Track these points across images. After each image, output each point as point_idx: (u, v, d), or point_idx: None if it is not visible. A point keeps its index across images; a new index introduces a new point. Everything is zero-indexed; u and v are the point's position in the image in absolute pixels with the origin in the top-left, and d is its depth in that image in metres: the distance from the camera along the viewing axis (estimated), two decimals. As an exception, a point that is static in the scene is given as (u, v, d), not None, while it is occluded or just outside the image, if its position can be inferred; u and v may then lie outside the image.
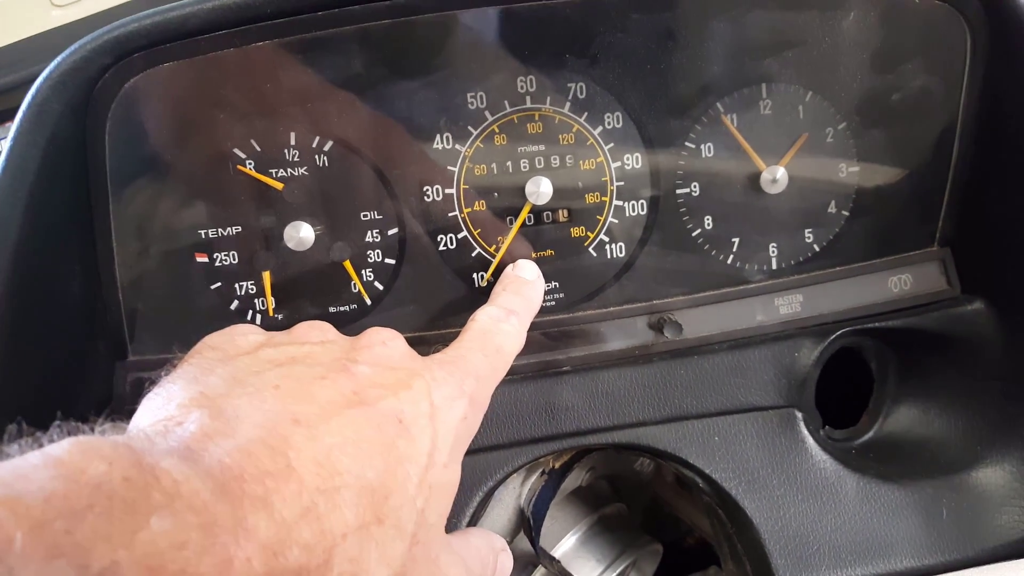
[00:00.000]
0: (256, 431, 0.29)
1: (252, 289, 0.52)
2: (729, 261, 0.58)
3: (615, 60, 0.53)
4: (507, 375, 0.55)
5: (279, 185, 0.51)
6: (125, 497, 0.23)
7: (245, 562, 0.25)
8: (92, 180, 0.47)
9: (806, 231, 0.58)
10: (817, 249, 0.59)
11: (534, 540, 0.59)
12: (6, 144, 0.42)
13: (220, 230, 0.51)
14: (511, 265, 0.53)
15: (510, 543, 0.64)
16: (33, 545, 0.21)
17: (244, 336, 0.37)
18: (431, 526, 0.34)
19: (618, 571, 0.63)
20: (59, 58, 0.43)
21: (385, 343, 0.38)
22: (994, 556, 0.55)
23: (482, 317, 0.45)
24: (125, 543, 0.22)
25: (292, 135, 0.51)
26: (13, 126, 0.42)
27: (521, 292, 0.50)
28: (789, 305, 0.59)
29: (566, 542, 0.64)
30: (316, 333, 0.39)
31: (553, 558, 0.61)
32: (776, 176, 0.56)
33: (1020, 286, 0.56)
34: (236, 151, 0.50)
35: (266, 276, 0.52)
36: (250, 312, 0.52)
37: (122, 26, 0.43)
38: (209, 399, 0.31)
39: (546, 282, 0.57)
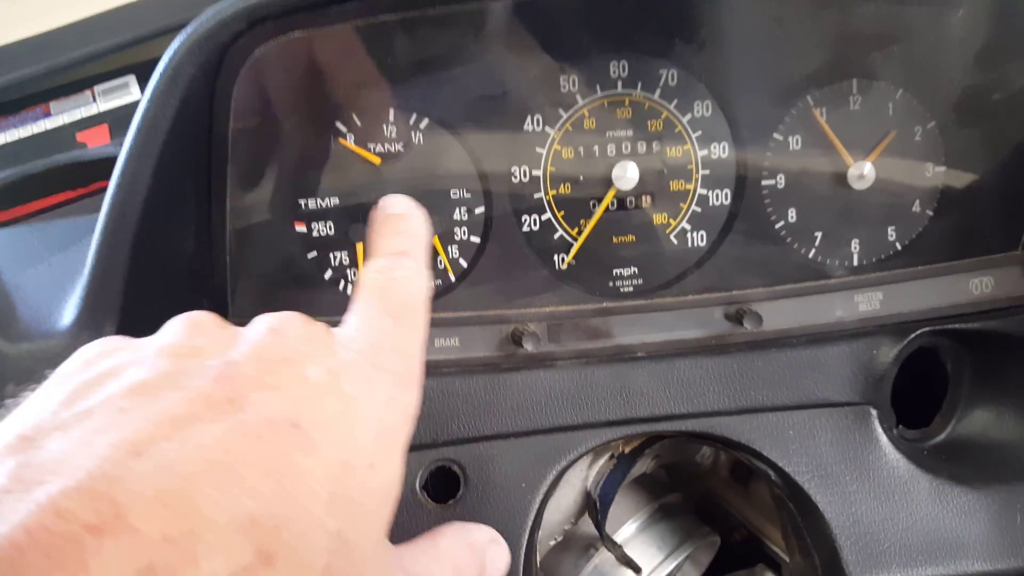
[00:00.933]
0: (78, 476, 0.22)
1: (346, 260, 0.53)
2: (811, 255, 0.58)
3: (710, 47, 0.53)
4: (584, 357, 0.56)
5: (376, 160, 0.52)
6: None
7: None
8: (214, 142, 0.49)
9: (889, 228, 0.58)
10: (899, 247, 0.58)
11: (600, 523, 0.60)
12: (141, 103, 0.43)
13: (320, 200, 0.52)
14: (375, 208, 0.42)
15: (573, 524, 0.65)
16: None
17: (107, 356, 0.29)
18: (359, 550, 0.27)
19: (678, 560, 0.64)
20: (194, 23, 0.44)
21: (276, 331, 0.31)
22: (1067, 563, 0.55)
23: (369, 273, 0.37)
24: None
25: (391, 111, 0.52)
26: (149, 87, 0.43)
27: (401, 230, 0.40)
28: (868, 302, 0.58)
29: (627, 528, 0.64)
30: (185, 335, 0.31)
31: (616, 543, 0.62)
32: (864, 172, 0.56)
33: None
34: (338, 124, 0.51)
35: (360, 248, 0.53)
36: (342, 282, 0.54)
37: None
38: (28, 440, 0.24)
39: (626, 267, 0.57)
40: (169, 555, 0.22)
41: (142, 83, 0.90)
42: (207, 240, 0.50)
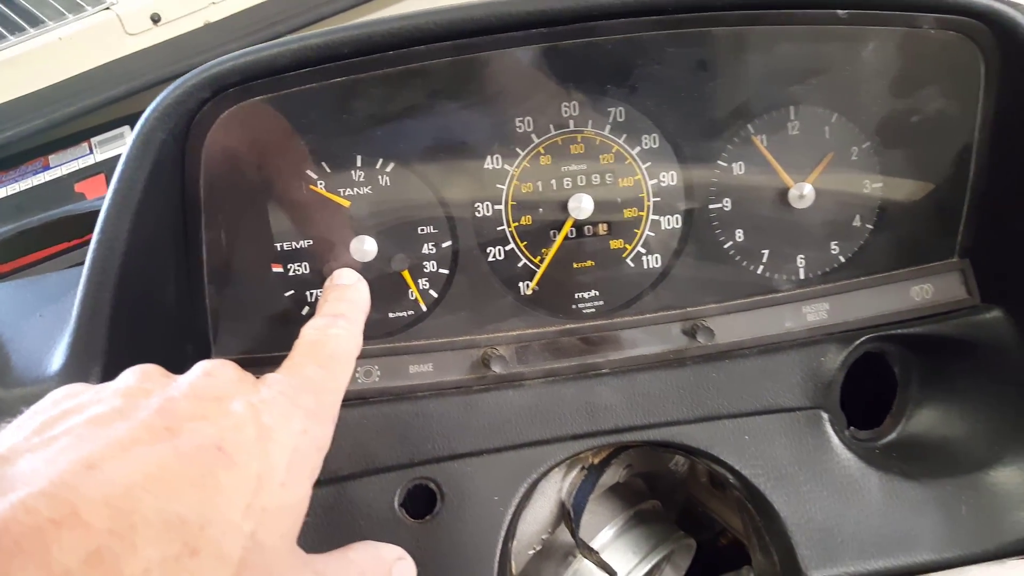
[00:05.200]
0: (40, 483, 0.28)
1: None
2: (759, 271, 0.62)
3: (652, 88, 0.58)
4: (550, 376, 0.60)
5: (346, 203, 0.56)
6: None
7: None
8: (187, 198, 0.53)
9: (832, 243, 0.62)
10: (843, 260, 0.62)
11: (574, 531, 0.64)
12: (118, 166, 0.48)
13: (294, 243, 0.56)
14: (329, 277, 0.54)
15: (550, 534, 0.68)
16: None
17: (72, 397, 0.36)
18: (270, 550, 0.33)
19: (653, 563, 0.67)
20: (164, 92, 0.49)
21: (209, 374, 0.37)
22: (1012, 551, 0.58)
23: (308, 330, 0.45)
24: None
25: (358, 158, 0.56)
26: (124, 150, 0.48)
27: (344, 297, 0.50)
28: (816, 313, 0.62)
29: (604, 535, 0.68)
30: (128, 376, 0.38)
31: (592, 549, 0.66)
32: (803, 192, 0.60)
33: (1036, 295, 0.59)
34: (309, 173, 0.56)
35: (334, 284, 0.57)
36: (320, 317, 0.58)
37: (219, 64, 0.49)
38: (4, 459, 0.30)
39: (587, 291, 0.61)
40: (114, 543, 0.28)
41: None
42: (187, 288, 0.55)
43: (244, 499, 0.33)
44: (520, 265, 0.60)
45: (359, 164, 0.56)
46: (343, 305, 0.49)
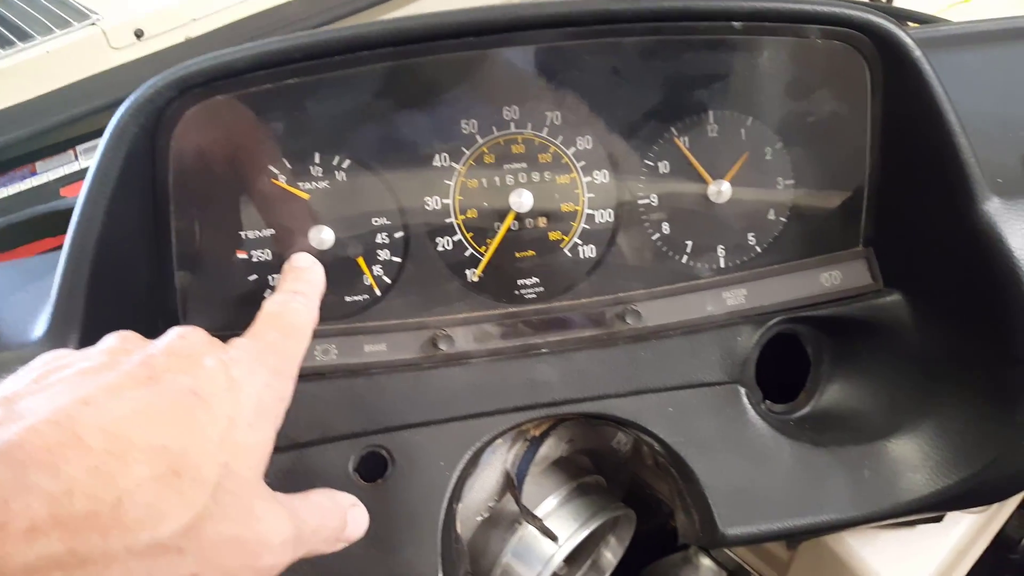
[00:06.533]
0: (45, 414, 0.33)
1: (283, 280, 0.64)
2: (684, 261, 0.69)
3: (581, 94, 0.64)
4: (494, 355, 0.66)
5: (305, 196, 0.63)
6: None
7: (22, 509, 0.30)
8: (158, 187, 0.59)
9: (749, 235, 0.69)
10: (759, 250, 0.69)
11: (518, 497, 0.70)
12: (95, 157, 0.54)
13: (257, 232, 0.62)
14: (287, 260, 0.59)
15: (497, 503, 0.74)
16: None
17: (60, 359, 0.41)
18: (241, 478, 0.38)
19: (592, 528, 0.73)
20: (137, 91, 0.55)
21: (183, 336, 0.42)
22: (908, 510, 0.64)
23: (269, 303, 0.51)
24: None
25: (316, 155, 0.62)
26: (100, 143, 0.54)
27: (301, 277, 0.55)
28: (735, 297, 0.69)
29: (548, 503, 0.74)
30: (110, 340, 0.43)
31: (535, 515, 0.71)
32: (721, 189, 0.66)
33: (929, 279, 0.66)
34: (271, 167, 0.62)
35: (294, 270, 0.63)
36: (281, 299, 0.64)
37: (185, 68, 0.56)
38: (8, 399, 0.35)
39: (527, 278, 0.67)
40: (111, 461, 0.33)
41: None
42: (158, 270, 0.61)
43: (218, 434, 0.38)
44: (467, 254, 0.67)
45: (317, 160, 0.62)
46: (300, 284, 0.55)
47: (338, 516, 0.48)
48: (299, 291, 0.54)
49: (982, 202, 0.60)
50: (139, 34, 1.27)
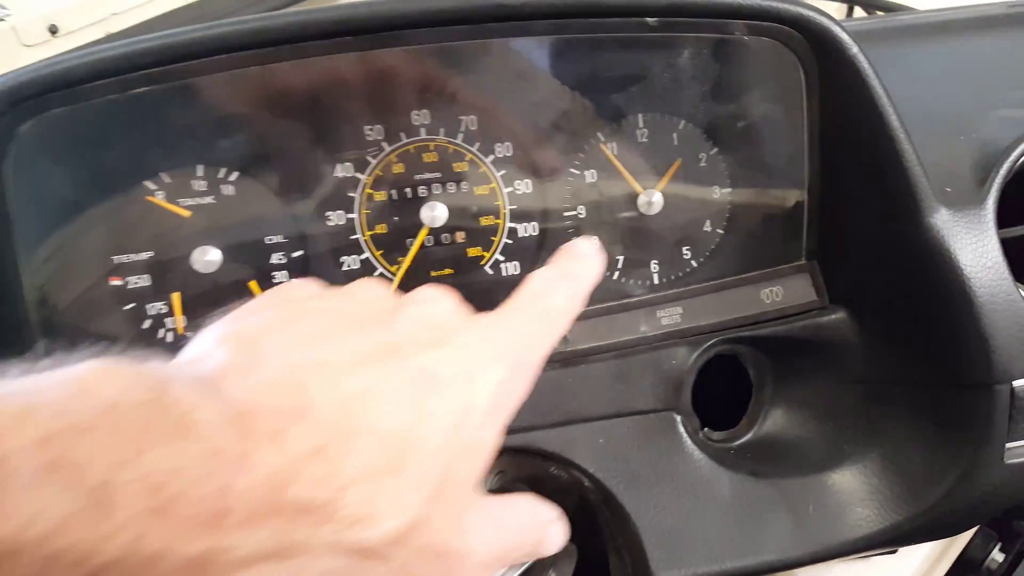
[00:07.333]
0: (277, 371, 0.30)
1: (164, 309, 0.57)
2: (615, 277, 0.63)
3: (497, 96, 0.58)
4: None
5: (186, 213, 0.56)
6: (133, 420, 0.25)
7: (244, 492, 0.26)
8: None
9: (684, 249, 0.64)
10: (695, 265, 0.64)
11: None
12: None
13: (132, 256, 0.56)
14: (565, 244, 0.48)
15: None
16: (36, 458, 0.23)
17: (299, 288, 0.39)
18: (458, 483, 0.34)
19: (523, 568, 0.67)
20: None
21: (432, 300, 0.38)
22: (855, 548, 0.60)
23: (534, 280, 0.43)
24: (120, 464, 0.24)
25: (199, 168, 0.56)
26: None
27: (577, 258, 0.46)
28: (670, 316, 0.64)
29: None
30: (367, 289, 0.39)
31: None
32: (652, 199, 0.61)
33: (874, 296, 0.61)
34: (146, 183, 0.55)
35: (175, 297, 0.56)
36: (161, 330, 0.57)
37: (13, 78, 0.49)
38: (240, 338, 0.32)
39: (444, 299, 0.62)
40: (336, 444, 0.29)
41: None
42: (10, 303, 0.54)
43: (446, 430, 0.33)
44: (376, 274, 0.61)
45: (200, 174, 0.56)
46: (576, 265, 0.45)
47: (537, 534, 0.41)
48: (570, 274, 0.44)
49: (929, 214, 0.56)
50: (54, 30, 1.19)
